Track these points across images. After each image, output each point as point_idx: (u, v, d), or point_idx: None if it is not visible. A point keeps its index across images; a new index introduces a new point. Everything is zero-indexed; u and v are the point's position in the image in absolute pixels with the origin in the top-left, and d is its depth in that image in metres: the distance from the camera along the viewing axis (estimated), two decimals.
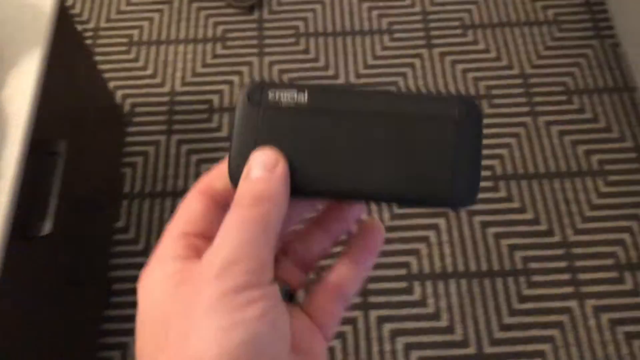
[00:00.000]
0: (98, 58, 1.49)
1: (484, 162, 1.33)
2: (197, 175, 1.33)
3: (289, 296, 0.28)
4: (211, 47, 1.51)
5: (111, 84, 1.45)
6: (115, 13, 1.57)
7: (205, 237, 0.26)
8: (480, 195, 1.29)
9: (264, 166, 0.25)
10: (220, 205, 0.26)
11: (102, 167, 1.21)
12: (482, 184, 1.31)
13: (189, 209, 0.26)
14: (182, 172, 1.34)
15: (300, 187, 0.25)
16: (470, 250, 1.24)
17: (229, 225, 0.23)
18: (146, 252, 1.25)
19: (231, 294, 0.22)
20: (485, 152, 1.34)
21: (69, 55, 1.00)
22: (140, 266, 1.22)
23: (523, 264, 1.22)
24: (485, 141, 1.33)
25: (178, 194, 1.31)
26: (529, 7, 1.54)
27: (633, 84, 1.39)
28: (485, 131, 1.37)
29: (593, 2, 1.53)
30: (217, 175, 0.27)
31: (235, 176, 0.25)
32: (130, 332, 1.16)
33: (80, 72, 1.08)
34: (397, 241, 1.25)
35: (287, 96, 0.26)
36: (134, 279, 1.22)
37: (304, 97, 0.26)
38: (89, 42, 1.52)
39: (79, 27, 1.52)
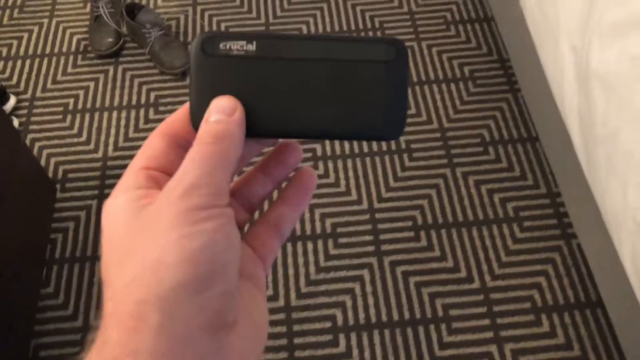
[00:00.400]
0: (33, 127, 1.53)
1: (405, 213, 1.38)
2: None
3: None
4: (144, 113, 1.56)
5: (44, 152, 1.49)
6: (52, 83, 1.62)
7: (165, 172, 0.28)
8: (402, 246, 1.33)
9: (224, 111, 0.28)
10: (181, 145, 0.29)
11: (27, 235, 1.23)
12: (404, 234, 1.35)
13: (151, 146, 0.29)
14: None
15: (253, 128, 0.29)
16: (393, 300, 1.27)
17: (192, 157, 0.26)
18: (75, 316, 1.26)
19: (193, 210, 0.25)
20: (406, 203, 1.39)
21: None
22: (69, 331, 1.24)
23: (444, 311, 1.26)
24: (405, 193, 1.40)
25: None
26: (446, 65, 1.63)
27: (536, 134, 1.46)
28: (406, 183, 1.42)
29: (506, 59, 1.62)
30: (178, 118, 0.30)
31: (196, 120, 0.28)
32: None
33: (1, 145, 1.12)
34: (322, 294, 1.28)
35: (237, 46, 0.29)
36: (62, 344, 1.23)
37: (252, 46, 0.29)
38: (24, 112, 1.56)
39: (16, 97, 1.57)
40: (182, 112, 0.30)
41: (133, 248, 0.25)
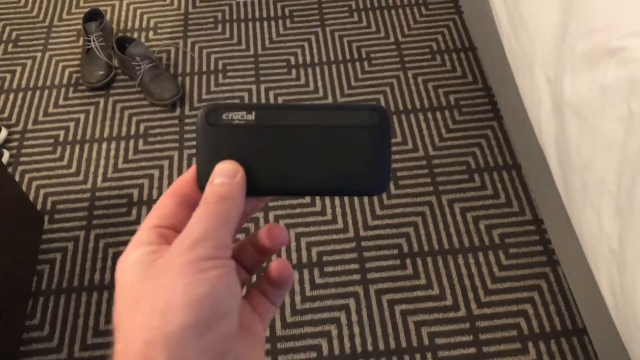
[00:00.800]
0: (23, 159, 1.55)
1: (391, 241, 1.38)
2: (113, 268, 1.36)
3: None
4: (133, 144, 1.58)
5: (34, 184, 1.50)
6: (42, 115, 1.64)
7: (174, 230, 0.31)
8: (388, 274, 1.34)
9: (226, 174, 0.31)
10: (189, 204, 0.32)
11: (13, 268, 1.23)
12: (389, 262, 1.35)
13: (162, 206, 0.32)
14: (99, 265, 1.37)
15: (253, 187, 0.32)
16: (378, 329, 1.27)
17: (199, 215, 0.30)
18: (60, 348, 1.26)
19: (199, 261, 0.28)
20: (392, 231, 1.40)
21: None
22: None
23: (429, 340, 1.25)
24: (391, 221, 1.40)
25: (94, 288, 1.34)
26: (432, 93, 1.64)
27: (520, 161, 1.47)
28: (392, 211, 1.43)
29: (490, 87, 1.64)
30: (186, 180, 0.33)
31: (202, 182, 0.32)
32: None
33: None
34: (307, 324, 1.28)
35: (238, 116, 0.33)
36: None
37: (251, 116, 0.33)
38: (15, 144, 1.58)
39: (7, 130, 1.59)
40: (190, 174, 0.33)
41: (143, 294, 0.28)
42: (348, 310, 1.30)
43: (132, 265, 0.29)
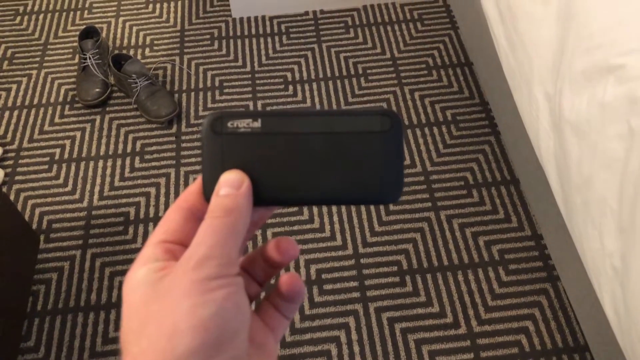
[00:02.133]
0: (18, 178, 1.54)
1: (390, 258, 1.37)
2: (110, 288, 1.35)
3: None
4: (130, 161, 1.57)
5: (30, 203, 1.49)
6: (38, 133, 1.63)
7: (181, 244, 0.30)
8: (387, 291, 1.33)
9: (231, 185, 0.30)
10: (197, 217, 0.31)
11: (7, 289, 1.22)
12: (389, 279, 1.35)
13: (168, 220, 0.31)
14: (95, 285, 1.35)
15: (261, 197, 0.31)
16: (379, 348, 1.26)
17: (204, 230, 0.29)
18: None
19: (205, 280, 0.27)
20: (391, 247, 1.39)
21: None
22: None
23: (430, 358, 1.24)
24: (390, 237, 1.39)
25: (90, 309, 1.32)
26: (429, 109, 1.64)
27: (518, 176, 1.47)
28: (391, 227, 1.42)
29: (487, 102, 1.64)
30: (192, 191, 0.32)
31: (208, 194, 0.31)
32: None
33: None
34: (307, 343, 1.27)
35: (243, 123, 0.31)
36: None
37: (257, 123, 0.31)
38: (10, 162, 1.57)
39: (2, 148, 1.58)
40: (196, 185, 0.32)
41: (150, 316, 0.27)
42: (348, 328, 1.28)
43: (138, 285, 0.28)
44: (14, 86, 1.74)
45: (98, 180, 1.53)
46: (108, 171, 1.55)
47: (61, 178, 1.54)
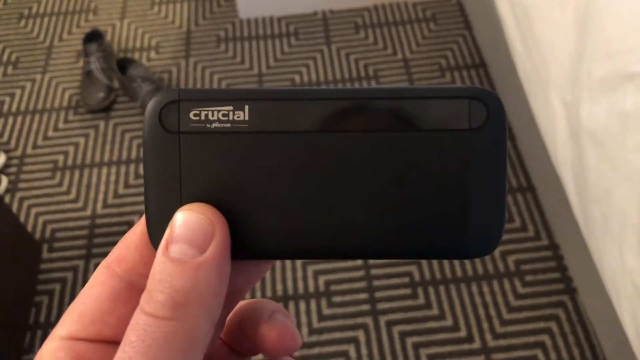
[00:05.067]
0: (21, 185, 1.51)
1: (401, 269, 1.33)
2: None
3: None
4: (134, 168, 1.53)
5: (33, 211, 1.46)
6: (42, 139, 1.60)
7: (104, 341, 0.19)
8: (399, 304, 1.28)
9: (191, 241, 0.17)
10: (137, 289, 0.19)
11: (9, 301, 1.19)
12: (400, 291, 1.30)
13: (88, 296, 0.19)
14: None
15: (247, 247, 0.18)
16: None
17: (131, 345, 0.16)
18: None
19: None
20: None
21: None
22: None
23: None
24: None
25: None
26: None
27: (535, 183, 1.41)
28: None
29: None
30: (132, 243, 0.19)
31: (155, 238, 0.19)
32: None
33: None
34: (315, 358, 1.23)
35: (218, 114, 0.18)
36: None
37: (243, 114, 0.18)
38: (13, 169, 1.54)
39: (6, 155, 1.55)
40: (137, 231, 0.20)
41: None
42: (357, 342, 1.24)
43: None
44: (18, 91, 1.71)
45: (102, 188, 1.50)
46: (112, 178, 1.52)
47: (65, 185, 1.51)
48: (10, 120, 1.65)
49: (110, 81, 1.66)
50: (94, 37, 1.73)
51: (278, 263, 1.34)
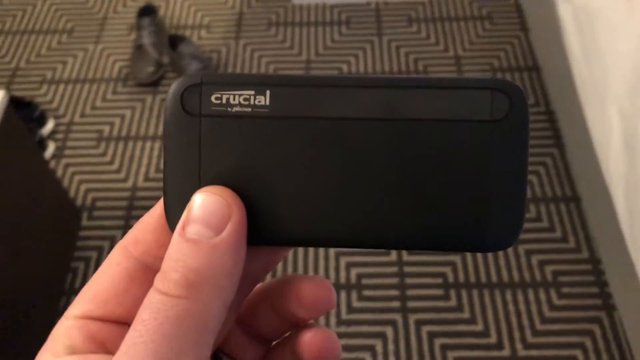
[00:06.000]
0: (67, 152, 1.54)
1: (436, 269, 1.31)
2: None
3: None
4: None
5: (76, 178, 1.49)
6: (90, 109, 1.63)
7: (118, 322, 0.19)
8: (430, 304, 1.26)
9: (208, 222, 0.17)
10: (151, 271, 0.19)
11: (48, 265, 1.21)
12: (432, 292, 1.28)
13: (103, 276, 0.20)
14: None
15: (264, 233, 0.19)
16: None
17: (144, 324, 0.16)
18: None
19: None
20: (437, 258, 1.32)
21: (12, 159, 1.03)
22: None
23: None
24: (431, 257, 1.32)
25: None
26: None
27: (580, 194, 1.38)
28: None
29: (553, 111, 1.54)
30: (148, 226, 0.20)
31: (172, 220, 0.19)
32: None
33: (23, 174, 1.11)
34: (342, 349, 1.22)
35: (239, 99, 0.19)
36: None
37: (264, 98, 0.19)
38: (61, 135, 1.57)
39: (54, 121, 1.58)
40: (155, 214, 0.20)
41: None
42: (385, 338, 1.23)
43: None
44: (70, 60, 1.74)
45: (144, 161, 1.52)
46: (155, 152, 1.53)
47: (108, 156, 1.53)
48: (61, 87, 1.67)
49: (160, 56, 1.67)
50: (147, 11, 1.75)
51: (312, 251, 1.34)
